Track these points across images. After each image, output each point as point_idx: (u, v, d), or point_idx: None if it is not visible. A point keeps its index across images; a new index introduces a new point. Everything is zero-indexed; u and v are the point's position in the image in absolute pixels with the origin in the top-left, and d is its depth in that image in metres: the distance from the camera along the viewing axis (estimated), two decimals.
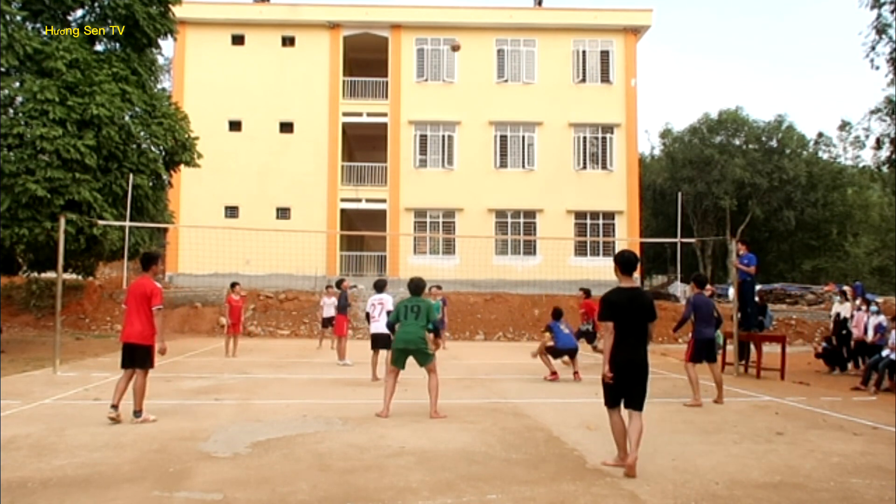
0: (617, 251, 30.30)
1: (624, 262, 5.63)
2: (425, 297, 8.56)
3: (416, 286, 8.57)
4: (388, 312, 10.66)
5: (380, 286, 11.90)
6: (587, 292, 14.86)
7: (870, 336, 12.77)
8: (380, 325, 10.94)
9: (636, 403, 5.40)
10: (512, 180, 29.78)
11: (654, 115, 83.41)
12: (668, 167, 41.53)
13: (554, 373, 11.69)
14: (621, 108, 30.18)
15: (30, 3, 16.02)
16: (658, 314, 5.64)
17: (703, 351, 9.15)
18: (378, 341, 11.09)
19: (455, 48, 16.86)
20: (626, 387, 5.39)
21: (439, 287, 16.82)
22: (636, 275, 6.94)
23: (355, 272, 29.76)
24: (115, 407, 7.09)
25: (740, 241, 13.27)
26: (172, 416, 7.53)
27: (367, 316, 11.55)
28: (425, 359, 8.05)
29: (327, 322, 17.78)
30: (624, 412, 5.48)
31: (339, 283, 16.19)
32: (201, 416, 7.54)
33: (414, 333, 7.98)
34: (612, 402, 5.48)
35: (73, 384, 9.94)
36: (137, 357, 7.21)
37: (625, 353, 5.37)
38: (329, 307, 17.61)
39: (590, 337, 14.87)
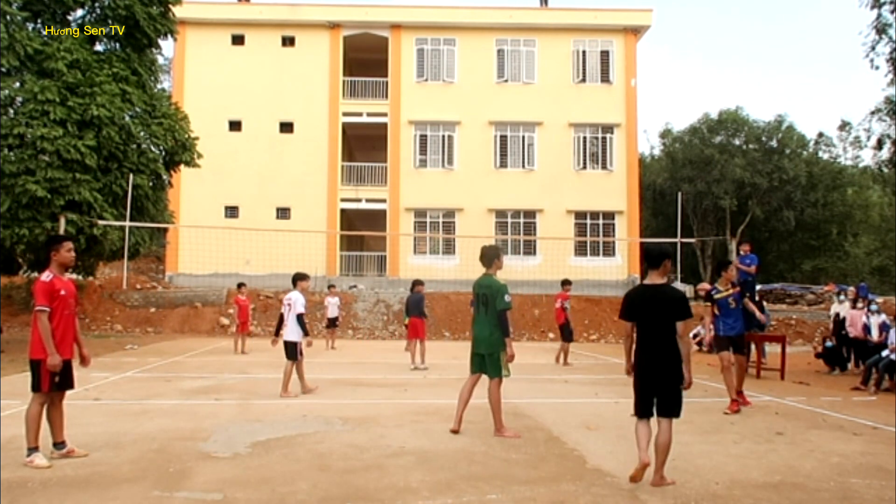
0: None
1: (646, 256, 5.23)
2: (487, 275, 6.80)
3: (482, 255, 6.84)
4: (299, 315, 9.26)
5: (294, 280, 9.56)
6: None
7: (874, 336, 12.71)
8: (288, 332, 9.28)
9: (664, 410, 4.91)
10: (512, 180, 29.78)
11: (654, 115, 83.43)
12: (668, 167, 41.50)
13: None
14: (621, 108, 30.18)
15: (30, 3, 16.03)
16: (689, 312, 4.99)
17: None
18: (286, 350, 9.36)
19: None
20: (652, 392, 4.94)
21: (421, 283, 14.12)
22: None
23: (355, 272, 29.78)
24: (62, 444, 5.69)
25: (746, 242, 13.22)
26: (172, 416, 7.52)
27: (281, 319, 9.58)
28: (494, 368, 6.67)
29: (332, 322, 17.82)
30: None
31: (416, 284, 13.69)
32: (201, 416, 7.54)
33: (481, 332, 6.73)
34: (639, 410, 5.00)
35: None
36: (70, 374, 5.68)
37: (647, 355, 4.97)
38: (333, 307, 17.64)
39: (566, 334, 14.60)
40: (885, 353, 11.01)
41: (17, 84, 15.70)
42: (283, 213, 29.44)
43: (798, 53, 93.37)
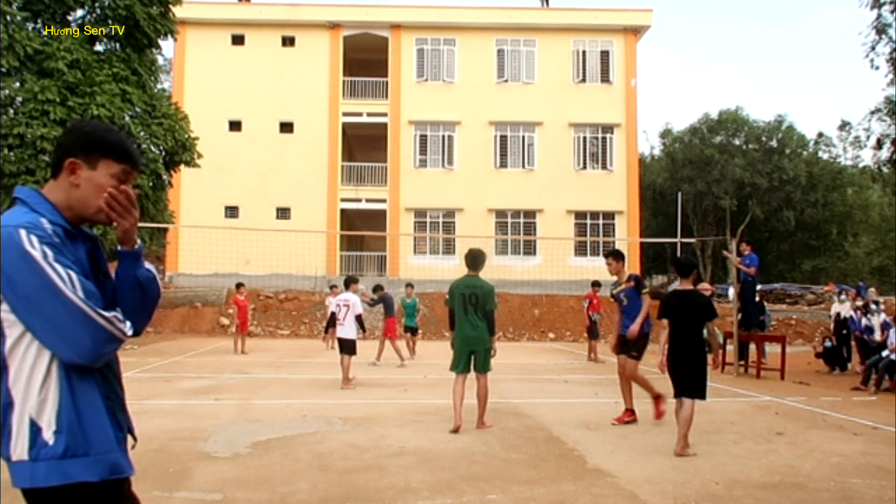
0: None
1: (676, 266, 6.49)
2: (474, 276, 7.17)
3: (473, 258, 7.16)
4: (358, 316, 10.26)
5: (346, 283, 10.76)
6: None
7: (877, 335, 12.66)
8: (345, 330, 10.26)
9: (688, 391, 5.96)
10: (512, 180, 29.77)
11: (654, 115, 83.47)
12: (668, 167, 41.49)
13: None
14: (621, 108, 30.16)
15: (30, 3, 16.04)
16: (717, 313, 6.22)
17: None
18: (343, 346, 10.30)
19: None
20: (681, 377, 6.00)
21: (411, 286, 15.45)
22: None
23: (355, 272, 29.75)
24: None
25: (745, 242, 13.22)
26: (172, 416, 7.52)
27: (333, 317, 10.38)
28: (485, 363, 7.06)
29: (333, 322, 17.77)
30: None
31: (376, 289, 14.86)
32: (201, 416, 7.53)
33: (472, 331, 7.00)
34: (676, 391, 6.06)
35: None
36: None
37: (676, 348, 6.03)
38: (334, 307, 17.60)
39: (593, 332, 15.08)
40: (885, 353, 11.01)
41: (17, 84, 15.70)
42: (283, 213, 29.43)
43: (798, 53, 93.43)
